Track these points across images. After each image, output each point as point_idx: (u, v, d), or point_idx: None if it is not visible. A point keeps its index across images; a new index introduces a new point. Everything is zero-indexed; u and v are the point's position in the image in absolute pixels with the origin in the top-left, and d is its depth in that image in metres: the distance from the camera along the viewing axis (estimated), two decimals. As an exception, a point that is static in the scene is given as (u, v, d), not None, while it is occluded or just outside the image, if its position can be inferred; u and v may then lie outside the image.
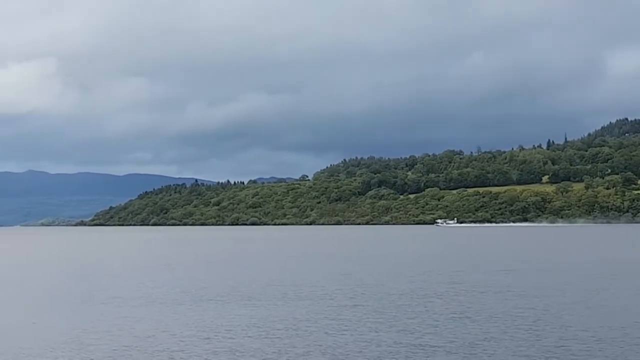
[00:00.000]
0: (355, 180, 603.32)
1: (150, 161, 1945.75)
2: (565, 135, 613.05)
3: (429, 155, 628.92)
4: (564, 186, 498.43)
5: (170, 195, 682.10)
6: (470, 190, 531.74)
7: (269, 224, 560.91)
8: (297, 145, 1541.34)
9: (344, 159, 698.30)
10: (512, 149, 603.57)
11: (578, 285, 69.55)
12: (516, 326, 43.84)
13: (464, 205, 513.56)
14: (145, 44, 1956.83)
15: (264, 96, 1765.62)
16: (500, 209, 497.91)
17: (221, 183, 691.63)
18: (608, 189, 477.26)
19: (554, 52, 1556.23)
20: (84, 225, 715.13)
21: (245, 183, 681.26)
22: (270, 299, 58.73)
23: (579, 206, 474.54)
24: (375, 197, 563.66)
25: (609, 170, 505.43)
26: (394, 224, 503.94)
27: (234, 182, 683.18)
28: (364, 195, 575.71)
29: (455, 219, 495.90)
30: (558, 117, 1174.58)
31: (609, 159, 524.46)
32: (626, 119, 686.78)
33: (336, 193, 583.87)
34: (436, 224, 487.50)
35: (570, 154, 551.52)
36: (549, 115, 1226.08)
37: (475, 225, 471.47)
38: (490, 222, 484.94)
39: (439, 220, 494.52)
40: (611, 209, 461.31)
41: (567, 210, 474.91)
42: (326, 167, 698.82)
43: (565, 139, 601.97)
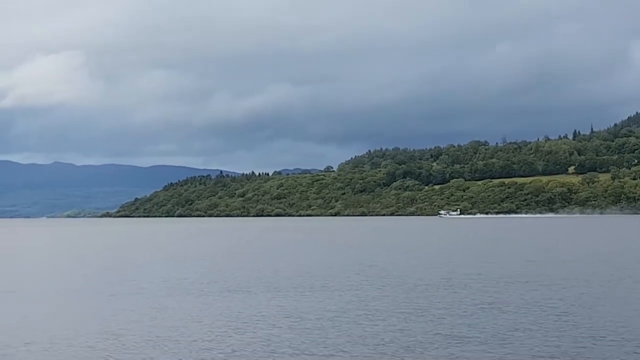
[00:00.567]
0: (380, 171, 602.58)
1: (175, 153, 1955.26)
2: (592, 125, 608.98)
3: (454, 146, 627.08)
4: (590, 177, 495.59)
5: (195, 186, 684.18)
6: (495, 181, 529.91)
7: (293, 215, 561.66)
8: (322, 137, 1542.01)
9: (369, 150, 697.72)
10: (538, 139, 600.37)
11: (606, 275, 69.22)
12: (546, 316, 43.77)
13: (489, 196, 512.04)
14: (172, 36, 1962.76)
15: (290, 87, 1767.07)
16: (525, 199, 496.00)
17: (246, 174, 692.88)
18: (635, 179, 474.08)
19: (580, 42, 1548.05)
20: (110, 216, 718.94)
21: (270, 174, 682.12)
22: (298, 289, 58.94)
23: (605, 197, 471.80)
24: (400, 188, 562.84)
25: (636, 161, 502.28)
26: (419, 215, 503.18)
27: (259, 174, 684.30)
28: (388, 186, 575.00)
29: (458, 210, 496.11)
30: (584, 107, 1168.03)
31: (635, 149, 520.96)
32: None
33: (361, 184, 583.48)
34: (439, 215, 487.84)
35: (596, 144, 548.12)
36: (575, 105, 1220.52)
37: (480, 216, 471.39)
38: (491, 214, 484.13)
39: (442, 212, 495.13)
40: (638, 199, 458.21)
41: (594, 201, 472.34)
42: (351, 158, 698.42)
43: (592, 129, 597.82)
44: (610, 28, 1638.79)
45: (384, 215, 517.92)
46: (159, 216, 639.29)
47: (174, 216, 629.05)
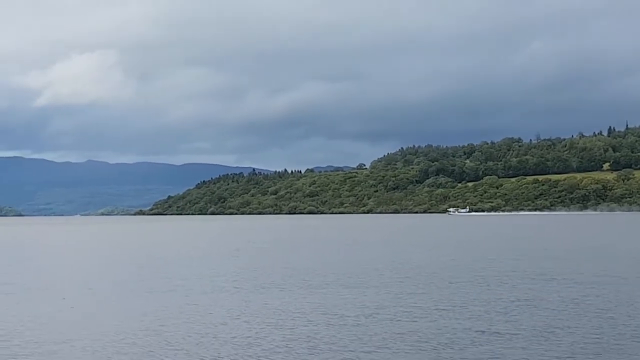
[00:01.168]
0: (412, 168, 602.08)
1: (209, 150, 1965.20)
2: (627, 122, 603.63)
3: (488, 143, 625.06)
4: (625, 173, 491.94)
5: (228, 184, 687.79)
6: (529, 178, 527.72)
7: (326, 213, 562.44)
8: (355, 134, 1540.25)
9: (402, 148, 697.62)
10: (572, 136, 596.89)
11: (644, 273, 68.83)
12: (584, 314, 43.60)
13: (522, 193, 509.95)
14: (205, 34, 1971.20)
15: (324, 84, 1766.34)
16: (560, 196, 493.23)
17: (278, 172, 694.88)
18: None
19: (615, 39, 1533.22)
20: (143, 214, 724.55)
21: (302, 172, 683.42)
22: (333, 286, 59.12)
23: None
24: (432, 186, 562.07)
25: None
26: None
27: (291, 171, 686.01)
28: (421, 183, 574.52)
29: (467, 207, 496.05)
30: (619, 104, 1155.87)
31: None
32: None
33: (393, 181, 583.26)
34: (448, 212, 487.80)
35: (631, 141, 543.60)
36: (610, 102, 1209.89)
37: (489, 214, 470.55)
38: (504, 211, 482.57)
39: (450, 209, 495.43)
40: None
41: (629, 198, 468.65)
42: (383, 156, 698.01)
43: (627, 125, 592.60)
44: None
45: (416, 212, 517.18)
46: (192, 214, 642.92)
47: (206, 214, 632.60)
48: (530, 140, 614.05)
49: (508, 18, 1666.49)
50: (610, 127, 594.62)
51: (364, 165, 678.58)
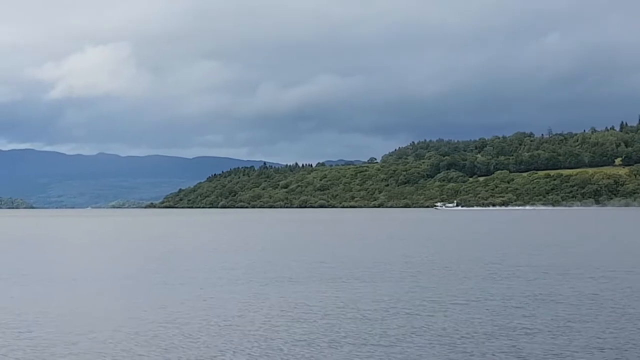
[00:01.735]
0: (424, 162, 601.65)
1: (220, 144, 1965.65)
2: (639, 117, 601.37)
3: (499, 138, 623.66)
4: (637, 168, 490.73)
5: (239, 177, 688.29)
6: (541, 172, 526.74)
7: (336, 207, 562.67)
8: (366, 128, 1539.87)
9: (413, 142, 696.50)
10: (584, 131, 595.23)
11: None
12: (600, 308, 43.64)
13: (534, 188, 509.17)
14: (218, 27, 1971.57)
15: (336, 78, 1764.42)
16: (571, 191, 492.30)
17: (290, 166, 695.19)
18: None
19: (628, 33, 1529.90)
20: (154, 207, 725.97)
21: (313, 166, 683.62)
22: (348, 279, 59.29)
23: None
24: (444, 180, 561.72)
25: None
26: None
27: (302, 165, 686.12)
28: (432, 177, 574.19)
29: (455, 202, 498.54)
30: (632, 99, 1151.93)
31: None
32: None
33: (404, 176, 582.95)
34: (435, 207, 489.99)
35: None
36: (623, 96, 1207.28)
37: (477, 208, 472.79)
38: (495, 206, 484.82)
39: (438, 204, 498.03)
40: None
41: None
42: (395, 150, 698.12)
43: (639, 120, 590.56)
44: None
45: (427, 207, 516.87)
46: (203, 207, 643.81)
47: (217, 207, 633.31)
48: (542, 134, 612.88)
49: (521, 13, 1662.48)
50: (622, 122, 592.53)
51: (375, 159, 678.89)
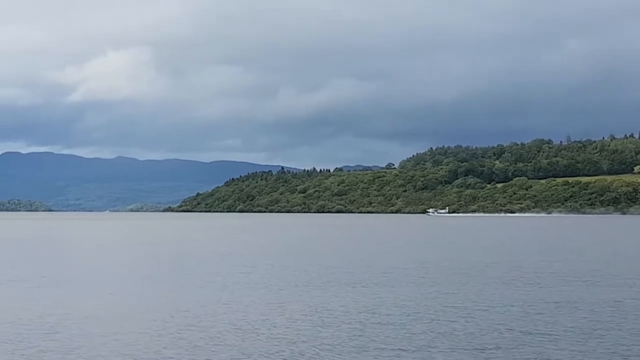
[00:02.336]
0: (441, 168, 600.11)
1: (239, 148, 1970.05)
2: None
3: (517, 144, 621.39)
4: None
5: (257, 182, 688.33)
6: (559, 179, 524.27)
7: (354, 212, 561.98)
8: (385, 133, 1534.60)
9: (431, 148, 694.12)
10: (603, 138, 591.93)
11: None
12: (626, 315, 43.59)
13: (552, 195, 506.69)
14: (237, 31, 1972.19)
15: (355, 83, 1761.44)
16: (590, 199, 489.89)
17: (307, 170, 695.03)
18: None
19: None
20: (172, 211, 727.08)
21: (331, 171, 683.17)
22: (370, 284, 59.34)
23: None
24: (462, 186, 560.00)
25: None
26: (481, 213, 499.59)
27: (320, 170, 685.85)
28: (450, 184, 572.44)
29: (447, 208, 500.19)
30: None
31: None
32: None
33: (422, 182, 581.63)
34: (427, 213, 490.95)
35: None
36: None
37: (467, 215, 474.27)
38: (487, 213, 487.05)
39: (430, 210, 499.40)
40: None
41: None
42: (412, 156, 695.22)
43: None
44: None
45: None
46: (221, 211, 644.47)
47: (235, 211, 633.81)
48: (561, 141, 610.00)
49: (543, 18, 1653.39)
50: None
51: (393, 164, 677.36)
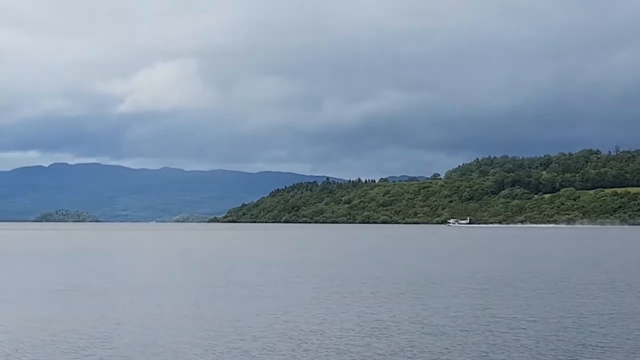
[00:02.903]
0: (488, 179, 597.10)
1: (284, 159, 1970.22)
2: None
3: (565, 155, 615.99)
4: None
5: (302, 193, 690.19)
6: (607, 190, 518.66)
7: (399, 223, 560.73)
8: (431, 143, 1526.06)
9: (477, 158, 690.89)
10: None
11: None
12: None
13: (601, 205, 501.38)
14: (284, 42, 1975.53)
15: (401, 93, 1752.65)
16: (639, 209, 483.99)
17: (352, 181, 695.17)
18: None
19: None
20: (217, 221, 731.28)
21: (376, 181, 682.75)
22: (420, 295, 58.99)
23: None
24: (508, 197, 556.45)
25: None
26: (528, 224, 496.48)
27: (365, 181, 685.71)
28: (496, 194, 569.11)
29: (467, 219, 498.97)
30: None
31: None
32: None
33: (468, 192, 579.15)
34: (447, 223, 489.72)
35: None
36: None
37: (488, 225, 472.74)
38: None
39: (450, 220, 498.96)
40: None
41: None
42: (459, 166, 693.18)
43: None
44: None
45: (491, 224, 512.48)
46: (266, 222, 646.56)
47: (280, 222, 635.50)
48: (609, 152, 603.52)
49: (592, 27, 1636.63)
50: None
51: (439, 175, 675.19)
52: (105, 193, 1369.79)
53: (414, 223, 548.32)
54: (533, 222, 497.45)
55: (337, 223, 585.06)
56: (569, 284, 69.24)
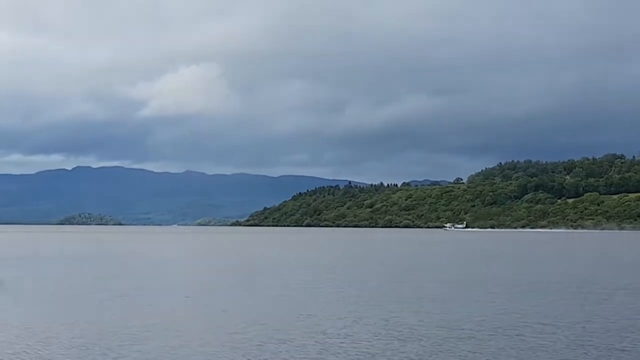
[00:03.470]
0: (511, 183, 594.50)
1: (306, 163, 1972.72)
2: None
3: (589, 159, 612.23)
4: None
5: (324, 197, 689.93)
6: (632, 195, 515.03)
7: (422, 227, 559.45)
8: (453, 148, 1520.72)
9: (500, 162, 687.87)
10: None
11: None
12: None
13: (625, 210, 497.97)
14: (308, 46, 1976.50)
15: (423, 97, 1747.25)
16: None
17: (375, 185, 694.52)
18: None
19: None
20: (239, 225, 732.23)
21: (399, 185, 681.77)
22: (445, 299, 58.88)
23: None
24: (531, 201, 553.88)
25: None
26: (551, 228, 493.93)
27: (388, 185, 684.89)
28: (520, 199, 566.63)
29: (464, 223, 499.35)
30: None
31: None
32: None
33: (491, 196, 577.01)
34: (444, 227, 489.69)
35: None
36: None
37: (484, 230, 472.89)
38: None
39: (447, 224, 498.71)
40: None
41: None
42: (481, 170, 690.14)
43: None
44: None
45: (514, 228, 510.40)
46: (288, 225, 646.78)
47: (302, 226, 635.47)
48: (634, 156, 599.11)
49: (620, 32, 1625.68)
50: None
51: (462, 179, 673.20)
52: (127, 196, 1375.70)
53: (436, 227, 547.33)
54: (555, 227, 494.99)
55: (359, 227, 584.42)
56: (594, 289, 68.97)
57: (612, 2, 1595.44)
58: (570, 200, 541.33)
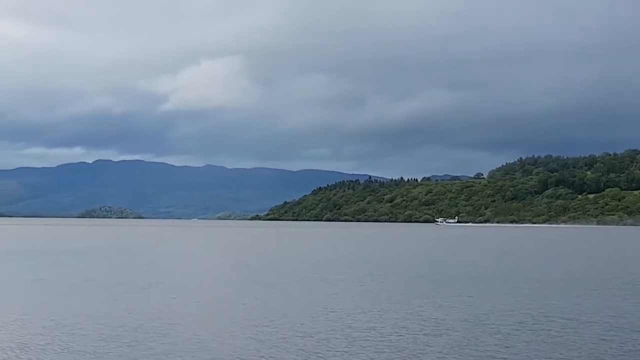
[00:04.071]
0: (531, 179, 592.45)
1: (327, 157, 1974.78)
2: None
3: (610, 155, 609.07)
4: None
5: (344, 191, 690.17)
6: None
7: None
8: (474, 143, 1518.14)
9: (520, 158, 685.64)
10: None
11: None
12: None
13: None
14: (328, 41, 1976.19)
15: (444, 93, 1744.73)
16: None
17: (395, 180, 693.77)
18: None
19: None
20: (259, 219, 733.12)
21: (419, 180, 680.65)
22: (471, 294, 58.74)
23: None
24: (552, 197, 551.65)
25: None
26: (572, 224, 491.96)
27: (408, 179, 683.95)
28: (540, 194, 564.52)
29: (456, 218, 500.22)
30: None
31: None
32: None
33: (512, 192, 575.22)
34: (436, 222, 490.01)
35: None
36: None
37: (475, 225, 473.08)
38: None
39: (438, 219, 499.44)
40: None
41: None
42: (502, 166, 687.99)
43: None
44: None
45: (535, 223, 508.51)
46: (307, 219, 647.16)
47: (322, 220, 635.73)
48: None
49: (635, 28, 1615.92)
50: None
51: (482, 174, 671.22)
52: (148, 190, 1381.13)
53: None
54: (576, 222, 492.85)
55: (379, 222, 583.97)
56: (618, 284, 68.72)
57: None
58: (591, 196, 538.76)
